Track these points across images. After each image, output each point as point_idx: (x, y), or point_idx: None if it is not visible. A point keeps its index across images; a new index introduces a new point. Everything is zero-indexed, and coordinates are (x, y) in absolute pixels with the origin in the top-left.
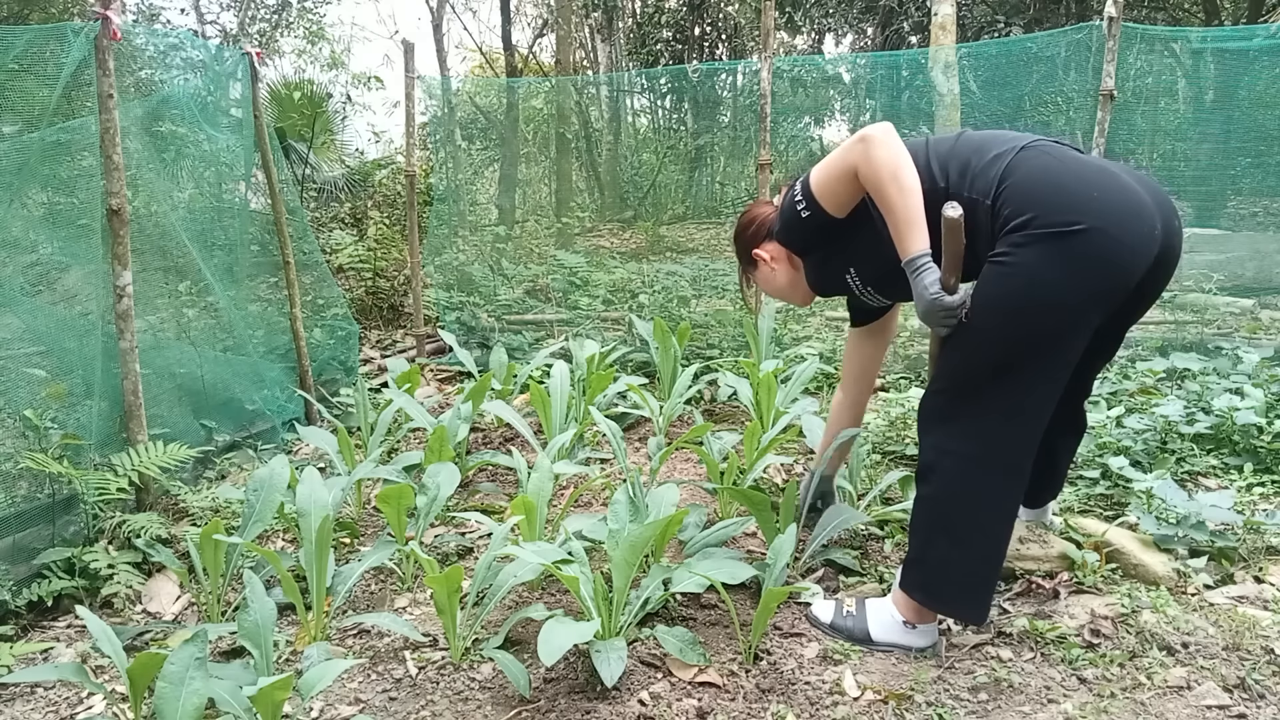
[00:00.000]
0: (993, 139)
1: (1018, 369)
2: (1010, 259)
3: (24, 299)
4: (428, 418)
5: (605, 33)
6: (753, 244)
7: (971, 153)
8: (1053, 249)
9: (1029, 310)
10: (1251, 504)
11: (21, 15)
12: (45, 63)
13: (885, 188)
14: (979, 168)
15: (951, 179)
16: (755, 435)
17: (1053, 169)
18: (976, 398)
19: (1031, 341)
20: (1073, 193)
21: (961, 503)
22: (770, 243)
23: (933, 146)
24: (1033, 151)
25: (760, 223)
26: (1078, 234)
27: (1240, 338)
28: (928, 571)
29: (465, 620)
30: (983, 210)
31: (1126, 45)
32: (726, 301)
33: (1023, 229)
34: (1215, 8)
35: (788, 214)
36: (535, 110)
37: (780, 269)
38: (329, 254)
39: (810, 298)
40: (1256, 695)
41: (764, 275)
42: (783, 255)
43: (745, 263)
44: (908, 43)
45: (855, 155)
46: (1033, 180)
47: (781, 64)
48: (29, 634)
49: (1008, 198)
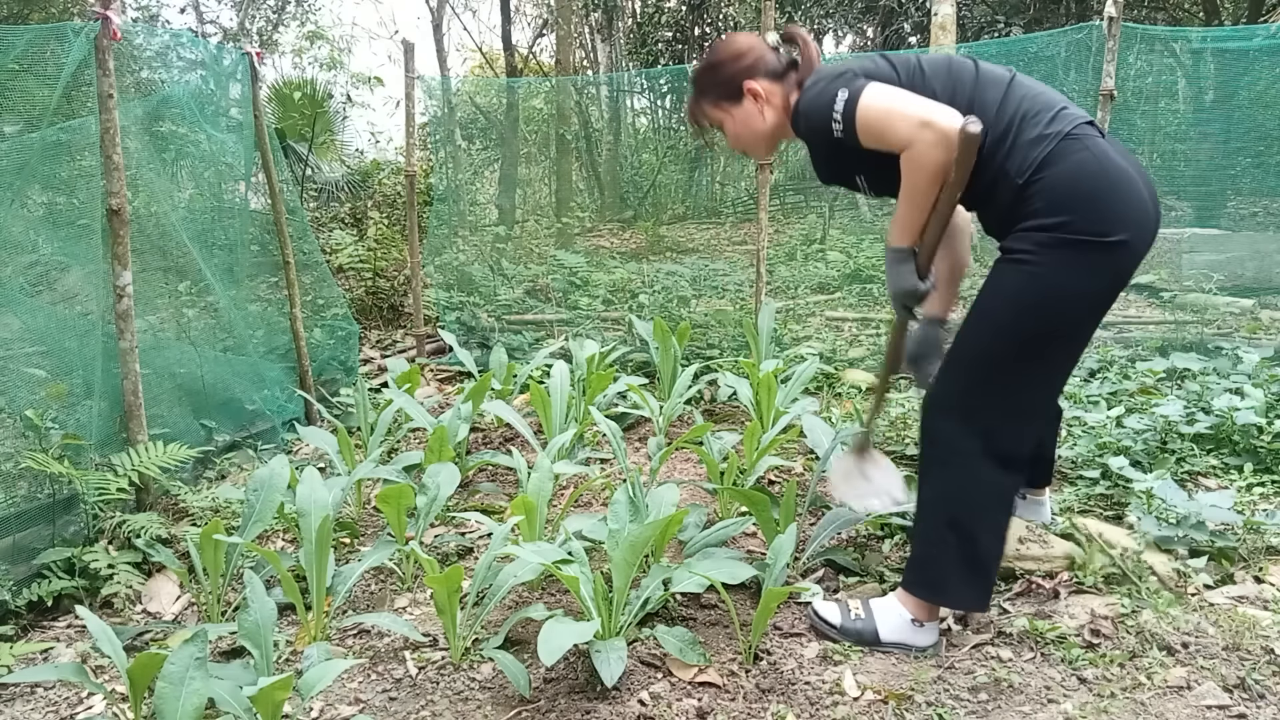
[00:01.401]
0: (1035, 104)
1: (1030, 366)
2: (1035, 259)
3: (24, 299)
4: (428, 418)
5: (605, 33)
6: (747, 76)
7: (1022, 117)
8: (1080, 256)
9: (1048, 310)
10: (1251, 504)
11: (21, 15)
12: (45, 63)
13: (920, 185)
14: (1021, 142)
15: (994, 134)
16: (755, 435)
17: (1091, 171)
18: (987, 394)
19: (1046, 340)
20: (1107, 203)
21: (971, 498)
22: (766, 80)
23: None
24: (1075, 144)
25: (757, 56)
26: (1106, 245)
27: (1240, 338)
28: (938, 568)
29: (465, 620)
30: (1009, 185)
31: (1126, 45)
32: (726, 301)
33: (1052, 230)
34: (1215, 8)
35: (817, 119)
36: (535, 110)
37: (770, 113)
38: (329, 254)
39: (770, 152)
40: (1256, 695)
41: (748, 114)
42: (780, 99)
43: (724, 95)
44: (908, 43)
45: (916, 136)
46: (1072, 180)
47: None
48: (29, 634)
49: (1043, 190)
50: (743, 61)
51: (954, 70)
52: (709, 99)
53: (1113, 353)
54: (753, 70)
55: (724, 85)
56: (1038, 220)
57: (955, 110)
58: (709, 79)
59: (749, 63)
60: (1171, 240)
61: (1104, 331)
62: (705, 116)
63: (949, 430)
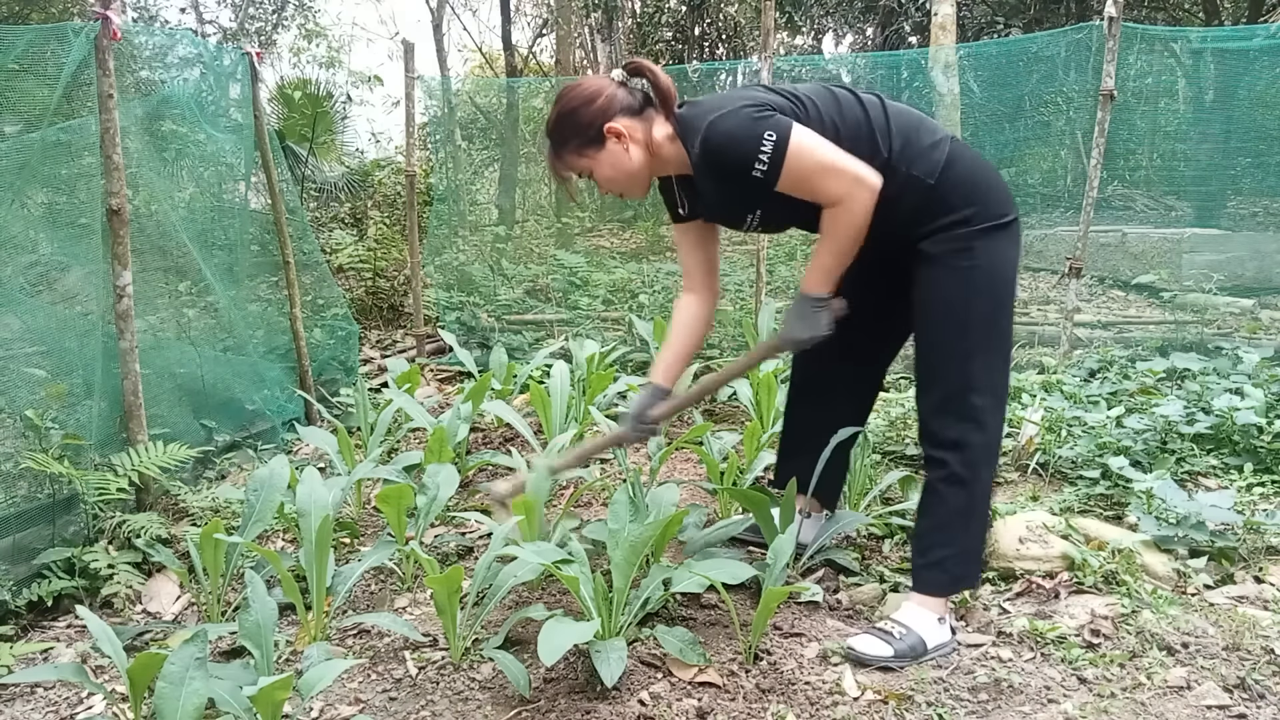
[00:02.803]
0: (912, 118)
1: (998, 346)
2: (968, 256)
3: (24, 299)
4: (428, 418)
5: (605, 33)
6: (603, 119)
7: (910, 130)
8: (997, 239)
9: (995, 292)
10: (1251, 504)
11: (22, 15)
12: (45, 63)
13: (849, 238)
14: (921, 148)
15: (895, 150)
16: (755, 435)
17: (980, 165)
18: (973, 388)
19: (999, 319)
20: (996, 190)
21: (984, 488)
22: (626, 118)
23: (863, 111)
24: (959, 145)
25: (609, 96)
26: (1008, 224)
27: (1240, 338)
28: (957, 563)
29: (465, 620)
30: (918, 187)
31: (1126, 45)
32: (726, 301)
33: (967, 224)
34: (1215, 8)
35: (735, 155)
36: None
37: (637, 150)
38: (329, 254)
39: (646, 189)
40: (1256, 695)
41: (613, 156)
42: (643, 134)
43: (586, 142)
44: (908, 43)
45: (850, 193)
46: (970, 174)
47: (781, 64)
48: (29, 634)
49: (952, 186)
50: (596, 103)
51: (840, 101)
52: (570, 149)
53: (1113, 353)
54: (608, 111)
55: (583, 131)
56: (954, 215)
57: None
58: (566, 128)
59: (603, 104)
60: (1171, 240)
61: (1104, 331)
62: (570, 168)
63: (962, 428)
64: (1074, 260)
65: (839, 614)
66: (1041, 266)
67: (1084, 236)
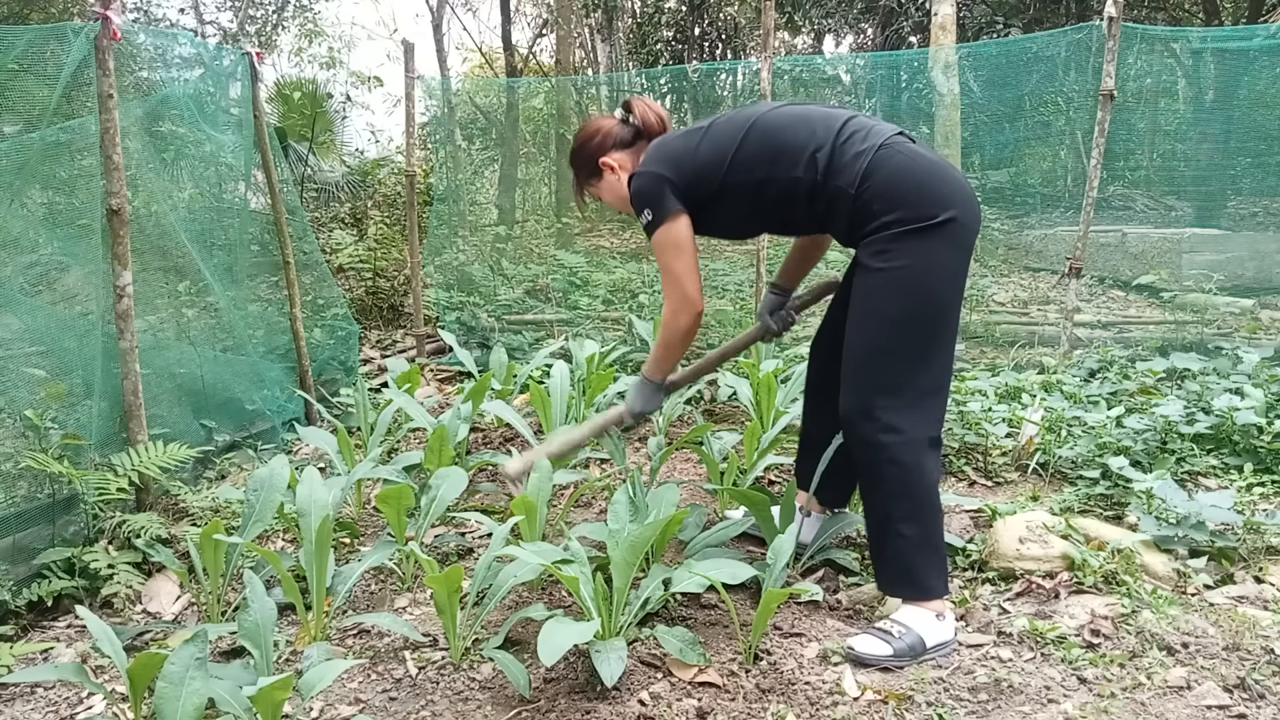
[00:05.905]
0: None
1: (922, 344)
2: (891, 260)
3: (24, 299)
4: (428, 418)
5: (605, 33)
6: (599, 154)
7: (846, 143)
8: (923, 241)
9: (920, 293)
10: (1251, 504)
11: (21, 15)
12: (45, 63)
13: (674, 341)
14: (845, 160)
15: (820, 168)
16: (755, 435)
17: (907, 168)
18: (896, 387)
19: (926, 319)
20: (928, 191)
21: (919, 486)
22: (617, 152)
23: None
24: (888, 151)
25: (605, 134)
26: (939, 225)
27: (1240, 338)
28: (917, 569)
29: (465, 620)
30: (845, 197)
31: (1126, 45)
32: (726, 301)
33: (893, 226)
34: (1215, 8)
35: (636, 207)
36: (535, 110)
37: (626, 178)
38: (329, 254)
39: None
40: (1256, 695)
41: (609, 184)
42: (629, 165)
43: (589, 174)
44: (908, 43)
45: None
46: (893, 179)
47: (781, 64)
48: (29, 634)
49: (874, 193)
50: (594, 141)
51: (759, 128)
52: (580, 180)
53: (1113, 353)
54: (603, 147)
55: (586, 165)
56: (879, 220)
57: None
58: (575, 163)
59: (599, 141)
60: (1171, 240)
61: (1104, 331)
62: (586, 194)
63: (873, 432)
64: (1074, 260)
65: (839, 614)
66: (1041, 266)
67: (1084, 236)
